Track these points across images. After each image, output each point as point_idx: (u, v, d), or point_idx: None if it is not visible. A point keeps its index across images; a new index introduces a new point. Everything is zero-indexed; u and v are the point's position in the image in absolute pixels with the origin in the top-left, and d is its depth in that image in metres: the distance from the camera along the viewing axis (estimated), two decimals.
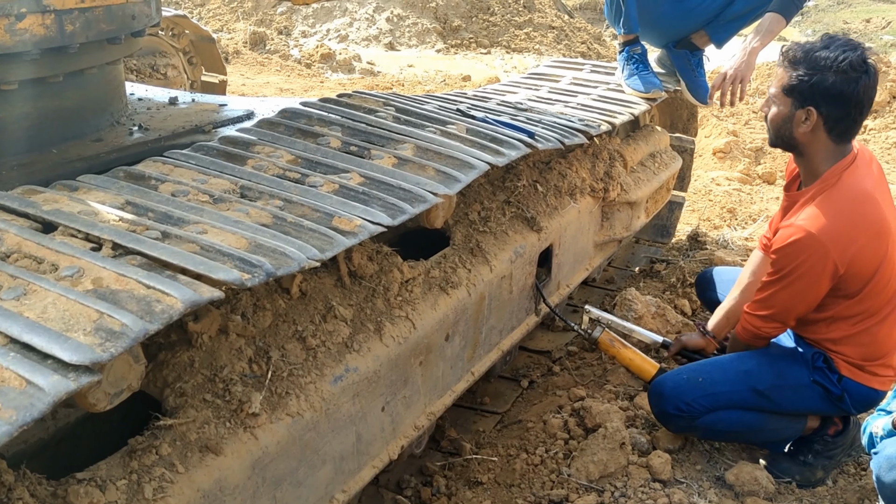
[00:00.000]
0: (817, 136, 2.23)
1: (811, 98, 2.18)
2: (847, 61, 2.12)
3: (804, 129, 2.23)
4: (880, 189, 2.30)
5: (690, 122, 4.07)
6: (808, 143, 2.25)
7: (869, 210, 2.21)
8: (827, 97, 2.16)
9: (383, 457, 1.97)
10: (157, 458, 1.39)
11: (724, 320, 2.65)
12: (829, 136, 2.22)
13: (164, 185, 1.65)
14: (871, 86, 2.16)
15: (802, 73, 2.18)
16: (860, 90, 2.14)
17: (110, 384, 1.26)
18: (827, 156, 2.25)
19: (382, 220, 1.65)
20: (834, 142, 2.23)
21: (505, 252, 2.43)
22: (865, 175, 2.27)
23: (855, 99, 2.15)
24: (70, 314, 1.13)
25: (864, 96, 2.15)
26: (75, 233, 1.37)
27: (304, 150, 1.92)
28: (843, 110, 2.17)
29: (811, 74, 2.16)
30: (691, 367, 2.46)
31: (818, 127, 2.21)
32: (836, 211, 2.18)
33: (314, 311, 1.81)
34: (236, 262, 1.34)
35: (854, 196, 2.22)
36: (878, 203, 2.24)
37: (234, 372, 1.58)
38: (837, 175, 2.24)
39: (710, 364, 2.46)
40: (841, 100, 2.16)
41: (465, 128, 2.19)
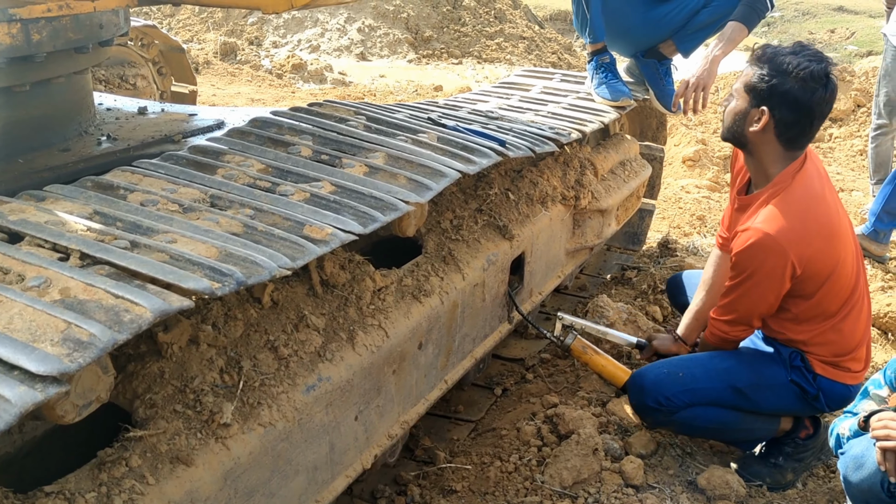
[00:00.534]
0: (766, 137, 2.27)
1: (767, 99, 2.23)
2: (808, 70, 2.17)
3: (755, 129, 2.27)
4: (829, 191, 2.36)
5: (660, 130, 4.12)
6: (758, 143, 2.30)
7: (822, 212, 2.27)
8: (782, 101, 2.21)
9: (357, 466, 1.96)
10: (127, 469, 1.37)
11: (693, 323, 2.69)
12: (778, 140, 2.27)
13: (133, 194, 1.64)
14: (826, 100, 2.21)
15: (765, 72, 2.23)
16: (814, 101, 2.19)
17: (78, 395, 1.25)
18: (775, 158, 2.30)
19: (354, 229, 1.65)
20: (782, 146, 2.27)
21: (477, 260, 2.44)
22: (815, 177, 2.32)
23: (807, 108, 2.20)
24: (37, 324, 1.12)
25: (816, 108, 2.21)
26: (42, 243, 1.35)
27: (275, 159, 1.91)
28: (795, 117, 2.22)
29: (772, 76, 2.21)
30: (672, 362, 2.49)
31: (769, 128, 2.26)
32: (793, 213, 2.23)
33: (286, 320, 1.80)
34: (206, 272, 1.33)
35: (808, 198, 2.27)
36: (830, 205, 2.30)
37: (204, 382, 1.56)
38: (790, 177, 2.28)
39: (691, 360, 2.49)
40: (794, 106, 2.20)
41: (437, 136, 2.20)
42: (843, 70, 7.61)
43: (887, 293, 3.77)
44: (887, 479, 1.90)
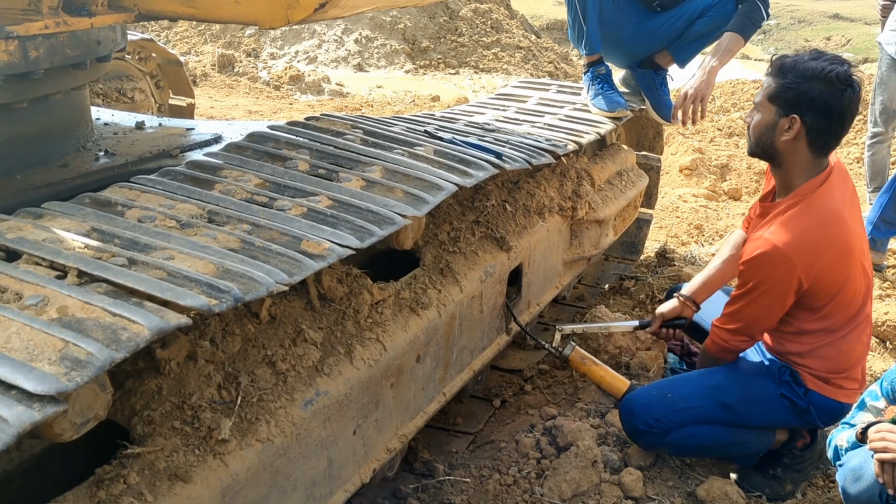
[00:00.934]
0: (798, 146, 2.24)
1: (797, 106, 2.20)
2: (835, 73, 2.15)
3: (786, 138, 2.23)
4: (850, 208, 2.33)
5: (656, 140, 4.13)
6: (789, 153, 2.26)
7: (836, 231, 2.24)
8: (813, 106, 2.18)
9: (355, 480, 1.96)
10: (125, 487, 1.37)
11: (701, 287, 2.68)
12: (810, 148, 2.23)
13: (131, 210, 1.64)
14: (854, 101, 2.18)
15: (790, 81, 2.20)
16: (844, 102, 2.16)
17: (76, 413, 1.25)
18: (804, 168, 2.27)
19: (351, 243, 1.65)
20: (813, 154, 2.24)
21: (475, 272, 2.44)
22: (838, 193, 2.29)
23: (838, 111, 2.17)
24: (34, 343, 1.12)
25: (847, 110, 2.18)
26: (40, 261, 1.35)
27: (272, 174, 1.92)
28: (827, 121, 2.18)
29: (798, 83, 2.18)
30: (660, 384, 2.49)
31: (800, 137, 2.22)
32: (804, 227, 2.21)
33: (284, 335, 1.80)
34: (204, 288, 1.34)
35: (824, 214, 2.24)
36: (847, 224, 2.27)
37: (202, 398, 1.56)
38: (811, 191, 2.26)
39: (679, 380, 2.49)
40: (826, 110, 2.17)
41: (433, 149, 2.21)
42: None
43: (885, 301, 3.78)
44: (886, 492, 1.90)
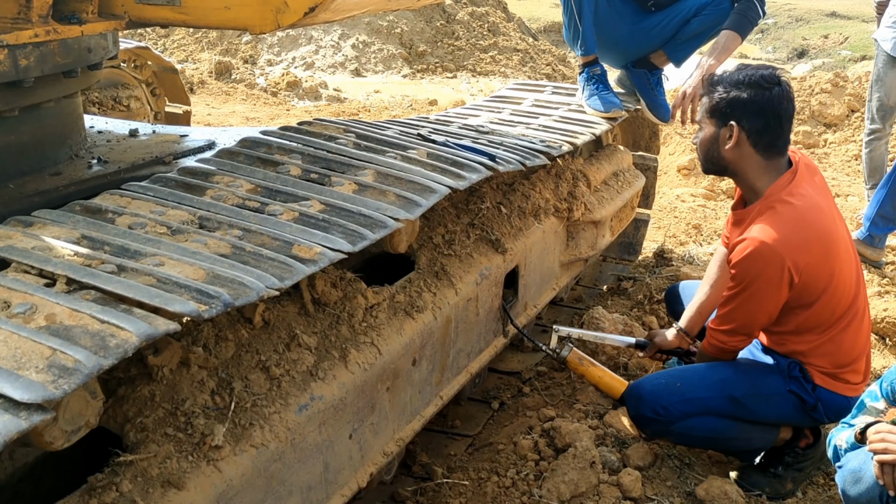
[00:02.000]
0: (744, 151, 2.31)
1: (731, 114, 2.29)
2: (759, 75, 2.26)
3: (730, 146, 2.31)
4: (825, 199, 2.37)
5: (653, 140, 4.13)
6: (737, 160, 2.33)
7: (818, 220, 2.27)
8: (745, 110, 2.27)
9: (352, 485, 1.95)
10: (118, 495, 1.36)
11: (696, 316, 2.70)
12: (756, 150, 2.30)
13: (122, 217, 1.64)
14: (784, 97, 2.27)
15: (720, 92, 2.31)
16: (774, 100, 2.25)
17: (67, 421, 1.24)
18: (760, 171, 2.32)
19: (343, 247, 1.65)
20: (762, 156, 2.30)
21: (470, 275, 2.43)
22: (810, 187, 2.33)
23: (771, 109, 2.26)
24: (22, 352, 1.12)
25: (779, 106, 2.26)
26: (29, 269, 1.35)
27: (264, 179, 1.92)
28: (763, 121, 2.27)
29: (728, 91, 2.29)
30: (670, 373, 2.49)
31: (742, 142, 2.30)
32: (787, 221, 2.23)
33: (277, 339, 1.79)
34: (193, 294, 1.33)
35: (803, 207, 2.27)
36: (826, 214, 2.30)
37: (196, 404, 1.56)
38: (782, 188, 2.29)
39: (689, 370, 2.49)
40: (758, 111, 2.26)
41: (426, 152, 2.20)
42: (837, 76, 7.64)
43: (884, 298, 3.77)
44: (886, 493, 1.88)
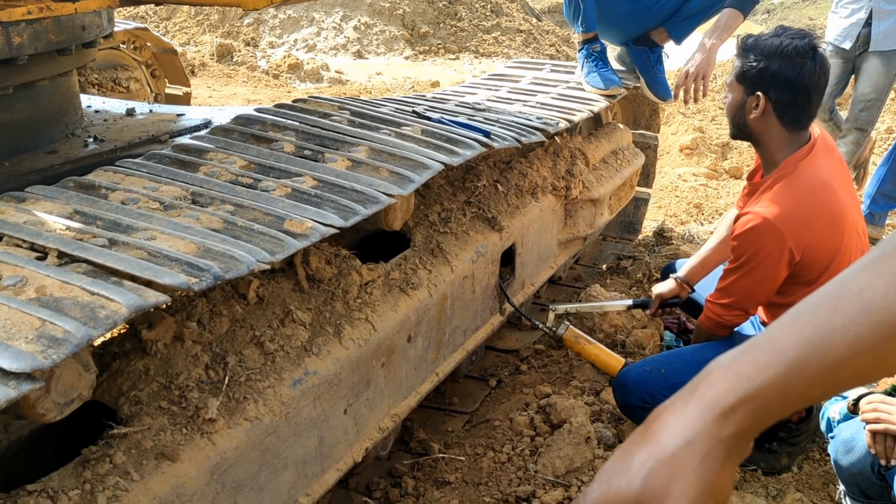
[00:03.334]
0: (769, 122, 2.29)
1: (760, 84, 2.25)
2: (792, 47, 2.20)
3: (755, 116, 2.29)
4: (839, 177, 2.34)
5: (653, 118, 4.12)
6: (762, 130, 2.31)
7: (826, 198, 2.26)
8: (774, 82, 2.23)
9: (347, 459, 1.96)
10: (112, 466, 1.38)
11: (698, 266, 2.71)
12: (781, 123, 2.27)
13: (115, 193, 1.64)
14: (816, 71, 2.22)
15: (752, 59, 2.26)
16: (805, 75, 2.21)
17: (59, 393, 1.26)
18: (782, 143, 2.30)
19: (334, 222, 1.65)
20: (787, 129, 2.28)
21: (466, 252, 2.44)
22: (824, 163, 2.31)
23: (800, 84, 2.22)
24: (12, 322, 1.13)
25: (809, 81, 2.22)
26: (20, 243, 1.36)
27: (258, 156, 1.92)
28: (790, 95, 2.23)
29: (759, 60, 2.24)
30: (654, 359, 2.49)
31: (768, 113, 2.27)
32: (793, 198, 2.22)
33: (272, 315, 1.80)
34: (184, 267, 1.34)
35: (811, 184, 2.26)
36: (836, 191, 2.28)
37: (190, 378, 1.57)
38: (795, 164, 2.28)
39: (673, 355, 2.49)
40: (787, 85, 2.22)
41: (421, 129, 2.20)
42: None
43: None
44: (878, 462, 1.90)
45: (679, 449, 0.64)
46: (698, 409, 0.65)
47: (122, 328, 1.68)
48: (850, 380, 0.63)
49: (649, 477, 0.64)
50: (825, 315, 0.64)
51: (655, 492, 0.63)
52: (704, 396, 0.65)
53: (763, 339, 0.67)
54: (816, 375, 0.63)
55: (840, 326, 0.62)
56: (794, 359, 0.63)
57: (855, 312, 0.62)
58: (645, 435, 0.67)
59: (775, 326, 0.67)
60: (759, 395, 0.64)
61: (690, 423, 0.65)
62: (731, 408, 0.64)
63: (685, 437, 0.65)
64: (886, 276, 0.62)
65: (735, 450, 0.65)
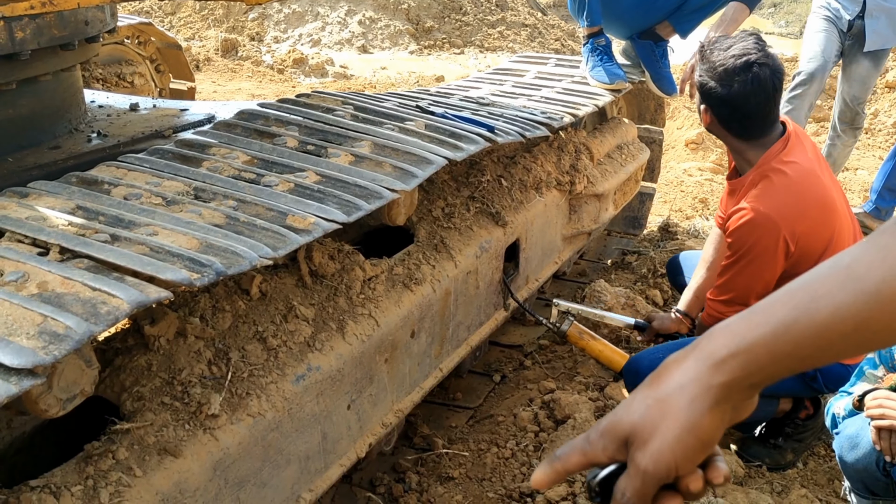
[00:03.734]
0: (721, 132, 2.35)
1: (705, 97, 2.31)
2: (723, 68, 2.22)
3: (707, 125, 2.35)
4: (820, 165, 2.35)
5: (658, 112, 4.10)
6: (719, 136, 2.38)
7: (814, 186, 2.27)
8: (710, 98, 2.29)
9: (351, 455, 1.96)
10: (114, 462, 1.38)
11: (693, 300, 2.69)
12: (730, 133, 2.32)
13: (117, 188, 1.64)
14: (749, 92, 2.21)
15: (699, 72, 2.31)
16: (734, 94, 2.22)
17: (62, 389, 1.26)
18: (745, 148, 2.34)
19: (337, 217, 1.64)
20: (737, 139, 2.32)
21: (470, 247, 2.43)
22: (803, 154, 2.32)
23: (732, 102, 2.24)
24: (13, 318, 1.12)
25: (741, 100, 2.23)
26: (22, 238, 1.35)
27: (261, 151, 1.91)
28: (727, 111, 2.27)
29: (702, 76, 2.29)
30: (668, 346, 2.48)
31: (716, 125, 2.32)
32: (782, 189, 2.23)
33: (275, 311, 1.80)
34: (186, 263, 1.33)
35: (798, 174, 2.26)
36: (821, 178, 2.29)
37: (192, 374, 1.57)
38: (773, 157, 2.29)
39: (686, 343, 2.48)
40: (721, 102, 2.26)
41: (424, 124, 2.19)
42: None
43: None
44: (882, 458, 1.89)
45: (673, 391, 0.74)
46: (695, 360, 0.75)
47: (125, 324, 1.68)
48: (837, 344, 0.71)
49: (646, 412, 0.74)
50: (815, 285, 0.73)
51: (647, 425, 0.74)
52: (703, 349, 0.76)
53: (759, 306, 0.77)
54: (803, 337, 0.72)
55: (826, 294, 0.71)
56: (782, 320, 0.73)
57: (841, 282, 0.70)
58: (652, 379, 0.77)
59: (773, 296, 0.76)
60: (749, 350, 0.74)
61: (687, 370, 0.75)
62: (722, 360, 0.74)
63: (680, 382, 0.75)
64: (873, 251, 0.69)
65: (723, 399, 0.73)
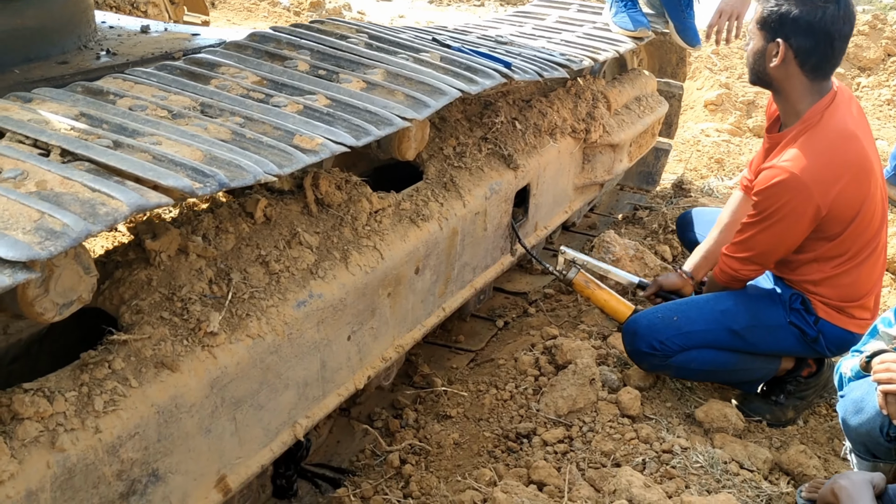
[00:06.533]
0: (790, 71, 2.21)
1: (780, 30, 2.17)
2: None
3: (776, 64, 2.21)
4: (861, 128, 2.27)
5: (679, 66, 4.01)
6: (782, 79, 2.23)
7: (852, 149, 2.19)
8: (795, 28, 2.15)
9: (349, 385, 1.95)
10: (110, 371, 1.37)
11: (702, 261, 2.64)
12: (802, 71, 2.19)
13: (123, 99, 1.60)
14: (839, 17, 2.13)
15: (773, 3, 2.17)
16: (827, 20, 2.12)
17: (58, 294, 1.24)
18: (804, 93, 2.22)
19: (346, 141, 1.61)
20: (808, 77, 2.20)
21: (480, 188, 2.39)
22: (846, 114, 2.24)
23: (821, 29, 2.13)
24: (10, 214, 1.10)
25: (831, 27, 2.13)
26: (23, 139, 1.32)
27: (271, 72, 1.87)
28: (812, 42, 2.15)
29: (780, 4, 2.16)
30: (666, 307, 2.45)
31: (789, 61, 2.19)
32: (819, 151, 2.15)
33: (279, 236, 1.78)
34: (188, 172, 1.30)
35: (837, 135, 2.19)
36: (861, 141, 2.21)
37: (193, 291, 1.55)
38: (819, 114, 2.21)
39: (686, 303, 2.45)
40: (808, 30, 2.14)
41: (440, 56, 2.14)
42: (876, 18, 7.36)
43: None
44: (888, 423, 1.86)
45: None
46: None
47: (127, 238, 1.66)
48: None
49: None
50: None
51: None
52: None
53: None
54: None
55: None
56: None
57: None
58: None
59: None
60: None
61: None
62: None
63: None
64: None
65: None
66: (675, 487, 1.89)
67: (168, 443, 1.43)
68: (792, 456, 2.12)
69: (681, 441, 2.08)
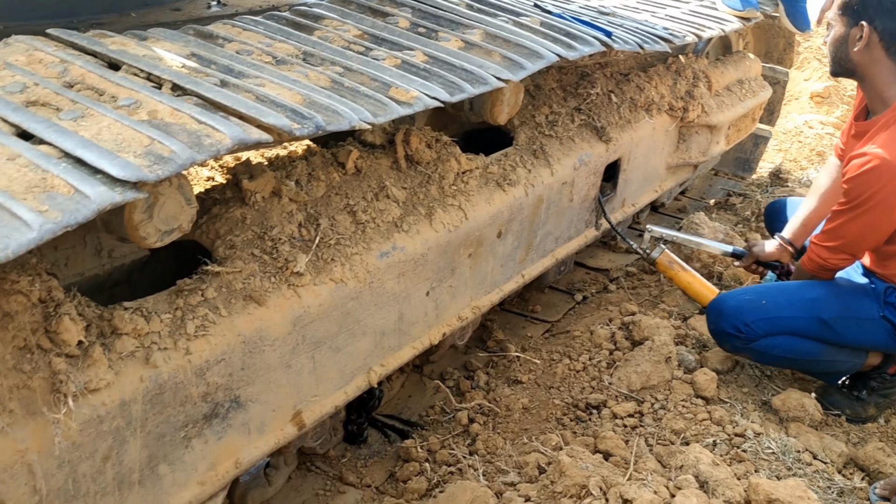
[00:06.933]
0: (874, 55, 2.14)
1: (864, 12, 2.11)
2: None
3: (859, 48, 2.14)
4: None
5: (787, 52, 3.87)
6: (867, 64, 2.16)
7: None
8: (879, 9, 2.09)
9: (424, 340, 1.99)
10: (203, 299, 1.44)
11: (801, 228, 2.58)
12: (887, 54, 2.12)
13: (231, 44, 1.67)
14: None
15: None
16: None
17: (161, 221, 1.31)
18: (890, 78, 2.15)
19: (440, 96, 1.63)
20: (894, 61, 2.11)
21: (569, 158, 2.38)
22: None
23: None
24: (123, 138, 1.17)
25: None
26: (138, 72, 1.40)
27: (372, 27, 1.90)
28: None
29: None
30: (755, 289, 2.39)
31: (874, 44, 2.13)
32: None
33: (367, 188, 1.82)
34: (288, 112, 1.35)
35: None
36: None
37: (283, 233, 1.61)
38: None
39: (775, 288, 2.39)
40: (893, 11, 2.07)
41: (540, 21, 2.13)
42: None
43: None
44: None
45: None
46: None
47: (225, 177, 1.73)
48: None
49: None
50: None
51: None
52: None
53: None
54: None
55: None
56: None
57: None
58: None
59: None
60: None
61: None
62: None
63: None
64: None
65: None
66: (744, 470, 1.86)
67: (251, 372, 1.50)
68: (869, 452, 2.05)
69: (754, 426, 2.04)
